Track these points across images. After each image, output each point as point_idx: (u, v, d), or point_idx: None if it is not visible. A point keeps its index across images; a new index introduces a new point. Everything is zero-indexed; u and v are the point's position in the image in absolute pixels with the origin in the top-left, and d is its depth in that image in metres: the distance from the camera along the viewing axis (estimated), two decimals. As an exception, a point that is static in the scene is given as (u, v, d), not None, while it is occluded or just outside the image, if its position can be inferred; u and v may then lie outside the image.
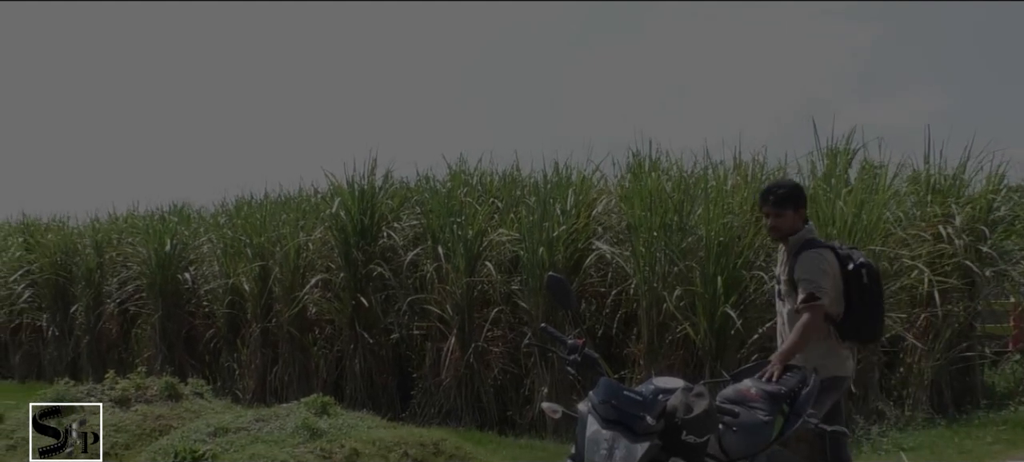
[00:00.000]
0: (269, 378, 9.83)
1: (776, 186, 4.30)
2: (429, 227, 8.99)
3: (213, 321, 11.03)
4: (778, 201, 4.17)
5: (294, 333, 9.60)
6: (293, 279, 9.65)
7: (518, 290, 8.27)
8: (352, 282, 9.20)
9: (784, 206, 4.16)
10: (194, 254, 11.52)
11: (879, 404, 7.25)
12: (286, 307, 9.62)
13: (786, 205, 4.16)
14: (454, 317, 8.48)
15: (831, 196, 7.16)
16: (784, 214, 4.16)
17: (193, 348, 11.26)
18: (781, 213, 4.17)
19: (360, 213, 9.28)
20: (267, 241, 10.03)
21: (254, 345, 10.07)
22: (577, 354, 3.30)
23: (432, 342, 8.73)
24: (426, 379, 8.71)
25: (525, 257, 8.02)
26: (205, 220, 12.15)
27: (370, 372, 9.13)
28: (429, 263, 8.80)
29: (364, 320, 9.17)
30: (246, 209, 11.09)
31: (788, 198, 4.17)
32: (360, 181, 9.47)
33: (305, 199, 10.69)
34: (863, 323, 4.10)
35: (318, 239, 9.74)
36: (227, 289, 10.49)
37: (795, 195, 4.20)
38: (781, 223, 4.18)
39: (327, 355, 9.55)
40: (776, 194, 4.19)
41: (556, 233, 7.87)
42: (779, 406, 3.51)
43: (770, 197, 4.20)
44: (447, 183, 9.54)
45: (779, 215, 4.17)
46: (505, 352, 8.44)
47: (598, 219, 8.26)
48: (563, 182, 8.54)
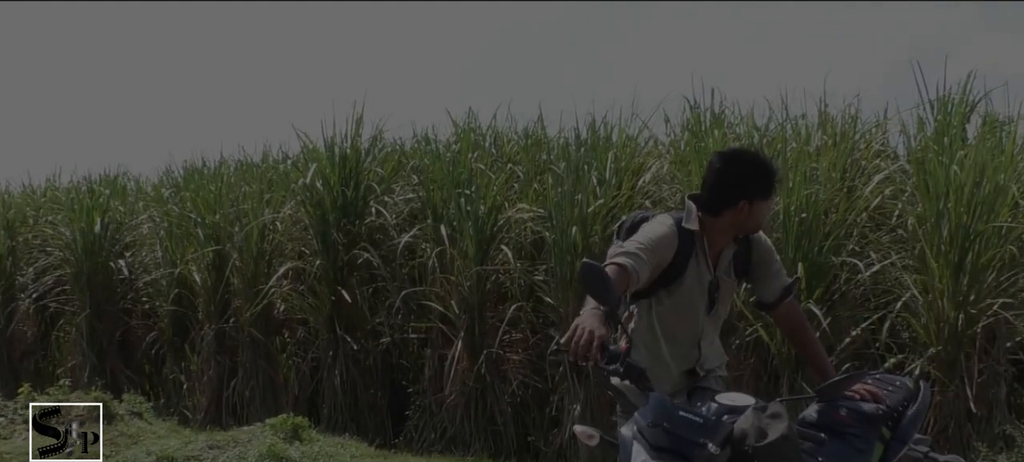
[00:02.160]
0: (226, 394, 9.88)
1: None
2: (429, 201, 8.98)
3: (155, 321, 11.07)
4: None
5: (257, 336, 9.65)
6: (256, 268, 9.69)
7: (543, 281, 8.26)
8: (331, 272, 9.22)
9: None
10: (131, 236, 11.57)
11: (1007, 427, 7.21)
12: (247, 303, 9.67)
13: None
14: (461, 316, 8.50)
15: (945, 160, 7.11)
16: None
17: (130, 355, 11.33)
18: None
19: (341, 184, 9.29)
20: (223, 220, 10.06)
21: (207, 352, 10.12)
22: (619, 364, 3.29)
23: (433, 348, 8.75)
24: (425, 395, 8.74)
25: (552, 239, 8.01)
26: (145, 193, 12.17)
27: (354, 386, 9.17)
28: (429, 247, 8.81)
29: (346, 320, 9.21)
30: (197, 179, 11.08)
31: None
32: (341, 143, 9.47)
33: (272, 166, 10.69)
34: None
35: (288, 217, 9.76)
36: (173, 281, 10.54)
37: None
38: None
39: (299, 364, 9.60)
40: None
41: (591, 208, 7.85)
42: (878, 430, 3.50)
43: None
44: (453, 145, 9.52)
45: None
46: (526, 361, 8.44)
47: (645, 190, 8.21)
48: (601, 143, 8.47)
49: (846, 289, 7.05)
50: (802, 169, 7.17)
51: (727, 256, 4.05)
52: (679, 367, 4.06)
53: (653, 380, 3.74)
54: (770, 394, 6.86)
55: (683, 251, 3.94)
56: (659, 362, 4.00)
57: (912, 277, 6.71)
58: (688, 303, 4.01)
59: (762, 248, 4.14)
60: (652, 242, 3.82)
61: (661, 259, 3.87)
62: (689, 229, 3.94)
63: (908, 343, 6.87)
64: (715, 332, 4.21)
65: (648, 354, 4.02)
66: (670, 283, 3.98)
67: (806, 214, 6.99)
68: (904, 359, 6.72)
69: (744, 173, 3.92)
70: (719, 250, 4.03)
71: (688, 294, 4.00)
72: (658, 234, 3.88)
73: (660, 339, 4.04)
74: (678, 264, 3.95)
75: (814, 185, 7.14)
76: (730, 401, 3.21)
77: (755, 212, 3.93)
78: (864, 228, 7.15)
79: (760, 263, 4.12)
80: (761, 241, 4.14)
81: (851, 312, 7.00)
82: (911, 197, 7.06)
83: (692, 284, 3.98)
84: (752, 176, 3.92)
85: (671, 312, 4.03)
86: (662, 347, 4.03)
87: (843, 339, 6.91)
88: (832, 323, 6.87)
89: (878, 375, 3.94)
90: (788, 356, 6.94)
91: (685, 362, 4.06)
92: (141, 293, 11.30)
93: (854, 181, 7.35)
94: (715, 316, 4.14)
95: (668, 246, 3.89)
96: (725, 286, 4.10)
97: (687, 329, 4.05)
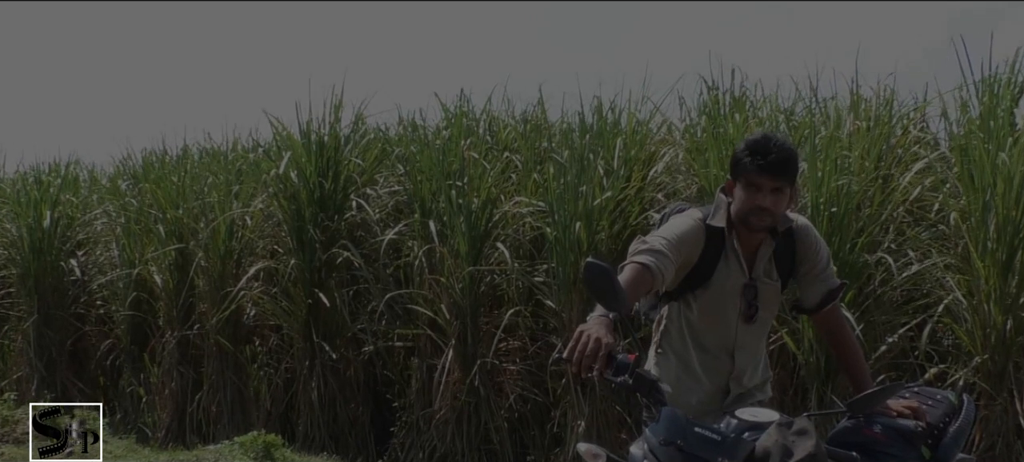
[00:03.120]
0: (190, 408, 9.89)
1: (780, 142, 3.88)
2: (417, 194, 8.99)
3: (111, 328, 11.08)
4: (782, 167, 3.81)
5: (225, 345, 9.66)
6: (224, 268, 9.70)
7: (543, 283, 8.27)
8: (307, 272, 9.23)
9: (787, 175, 3.84)
10: (84, 233, 11.57)
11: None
12: (213, 308, 9.68)
13: (790, 174, 3.84)
14: (452, 322, 8.50)
15: (991, 147, 7.10)
16: (783, 191, 3.86)
17: (83, 366, 11.34)
18: (780, 188, 3.85)
19: (319, 174, 9.30)
20: (187, 214, 10.07)
21: (168, 362, 10.13)
22: (628, 375, 3.28)
23: (420, 358, 8.75)
24: (412, 410, 8.75)
25: (553, 236, 8.01)
26: (100, 184, 12.19)
27: (333, 400, 9.17)
28: (417, 245, 8.81)
29: (324, 327, 9.22)
30: (158, 169, 11.09)
31: (792, 165, 3.85)
32: (318, 129, 9.47)
33: (241, 155, 10.71)
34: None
35: (259, 211, 9.77)
36: (131, 282, 10.54)
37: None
38: (777, 204, 3.88)
39: (272, 376, 9.60)
40: (781, 155, 3.82)
41: (598, 201, 7.85)
42: (917, 449, 3.50)
43: (770, 156, 3.80)
44: (442, 132, 9.54)
45: (777, 190, 3.84)
46: (524, 372, 8.45)
47: (657, 181, 8.22)
48: (608, 129, 8.50)
49: (881, 291, 7.04)
50: (832, 157, 7.16)
51: (765, 254, 3.99)
52: (711, 381, 4.02)
53: (681, 394, 3.73)
54: (796, 408, 6.88)
55: (710, 250, 3.92)
56: (689, 373, 4.00)
57: (955, 278, 6.70)
58: (718, 308, 3.98)
59: (807, 243, 4.04)
60: (677, 237, 3.79)
61: (688, 257, 3.84)
62: (716, 226, 3.90)
63: (950, 351, 6.87)
64: (757, 344, 4.13)
65: (678, 364, 4.01)
66: (697, 285, 3.95)
67: (836, 208, 6.99)
68: (946, 369, 6.71)
69: (736, 151, 3.87)
70: (754, 248, 3.98)
71: (717, 298, 3.96)
72: (683, 228, 3.85)
73: (690, 347, 4.02)
74: (705, 264, 3.92)
75: (845, 175, 7.13)
76: (751, 417, 3.21)
77: (737, 195, 3.85)
78: (901, 223, 7.15)
79: (804, 261, 4.04)
80: (806, 235, 4.04)
81: (887, 317, 7.00)
82: (953, 189, 7.05)
83: (721, 286, 3.94)
84: (736, 153, 3.86)
85: (701, 318, 4.00)
86: (692, 356, 4.02)
87: (878, 347, 6.90)
88: (865, 329, 6.86)
89: (917, 388, 3.95)
90: (817, 366, 6.93)
91: (718, 375, 4.03)
92: (95, 296, 11.30)
93: (890, 171, 7.34)
94: (757, 325, 4.06)
95: (694, 243, 3.86)
96: (766, 290, 4.01)
97: (718, 338, 4.01)
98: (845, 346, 4.12)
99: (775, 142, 3.78)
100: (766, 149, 3.76)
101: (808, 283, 4.06)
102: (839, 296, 4.09)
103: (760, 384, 4.11)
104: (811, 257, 4.03)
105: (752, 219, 3.82)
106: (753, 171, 3.76)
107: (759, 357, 4.14)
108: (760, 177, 3.76)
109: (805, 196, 7.12)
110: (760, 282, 3.99)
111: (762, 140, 3.79)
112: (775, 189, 3.78)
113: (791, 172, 3.79)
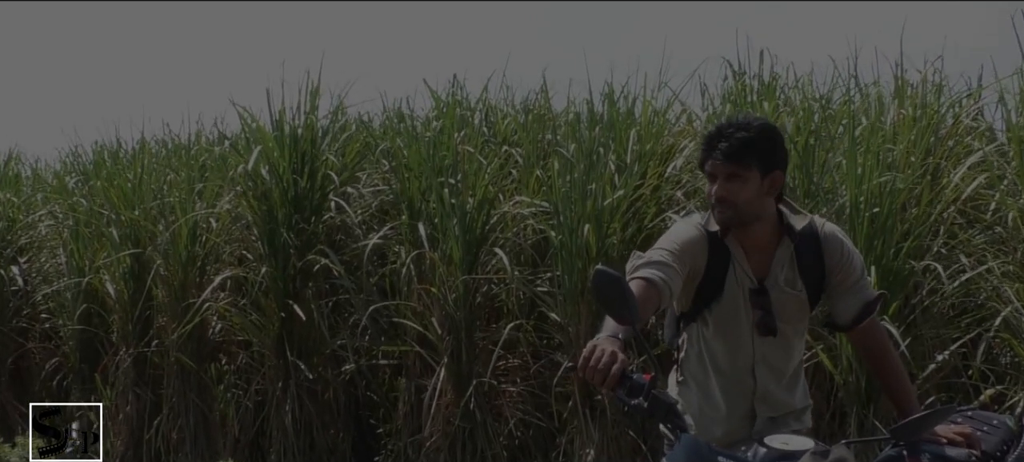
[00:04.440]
0: (148, 435, 9.87)
1: (737, 122, 3.97)
2: (404, 193, 9.01)
3: (57, 344, 11.07)
4: (735, 152, 3.87)
5: (187, 363, 9.65)
6: (186, 277, 9.70)
7: (547, 293, 8.30)
8: (281, 281, 9.24)
9: (745, 160, 3.88)
10: (27, 237, 11.56)
11: None
12: (174, 322, 9.67)
13: (748, 158, 3.88)
14: (444, 338, 8.52)
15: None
16: (741, 176, 3.90)
17: (25, 387, 11.31)
18: (737, 174, 3.90)
19: (293, 171, 9.30)
20: (144, 216, 10.05)
21: (123, 382, 10.12)
22: (643, 397, 3.30)
23: (408, 377, 8.78)
24: (399, 437, 8.77)
25: (558, 240, 8.04)
26: (45, 182, 12.18)
27: (309, 425, 9.17)
28: (404, 251, 8.84)
29: (300, 342, 9.23)
30: (111, 165, 11.09)
31: (751, 148, 3.89)
32: (293, 120, 9.48)
33: (205, 149, 10.71)
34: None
35: (226, 213, 9.78)
36: (80, 293, 10.51)
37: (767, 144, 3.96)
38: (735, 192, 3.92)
39: (241, 398, 9.60)
40: (734, 139, 3.88)
41: (608, 201, 7.87)
42: (970, 481, 3.51)
43: (721, 142, 3.88)
44: (433, 123, 9.55)
45: (733, 177, 3.89)
46: (526, 393, 8.48)
47: (676, 178, 8.24)
48: (620, 119, 8.53)
49: (930, 302, 7.06)
50: (874, 150, 7.17)
51: (781, 259, 3.98)
52: (734, 407, 3.99)
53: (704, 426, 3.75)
54: (834, 435, 6.88)
55: (718, 257, 3.92)
56: (710, 402, 3.99)
57: (1014, 287, 6.70)
58: (731, 322, 3.97)
59: (836, 251, 4.02)
60: (679, 245, 3.80)
61: (694, 267, 3.84)
62: (711, 230, 3.91)
63: (1009, 370, 6.87)
64: (783, 361, 4.08)
65: (699, 392, 4.01)
66: (710, 301, 3.95)
67: (879, 208, 7.00)
68: (1003, 391, 6.70)
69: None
70: (763, 251, 3.98)
71: (729, 310, 3.96)
72: (684, 235, 3.87)
73: (710, 372, 4.01)
74: (715, 274, 3.93)
75: (890, 171, 7.15)
76: (782, 444, 3.21)
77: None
78: (952, 225, 7.16)
79: (835, 271, 4.02)
80: (834, 241, 4.03)
81: (936, 331, 7.02)
82: (1011, 186, 7.05)
83: (732, 297, 3.95)
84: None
85: (715, 335, 4.00)
86: (712, 382, 4.01)
87: (926, 366, 6.90)
88: (912, 345, 6.87)
89: (970, 412, 3.94)
90: (856, 387, 6.95)
91: (740, 399, 4.00)
92: (40, 308, 11.29)
93: (940, 165, 7.35)
94: (779, 340, 4.03)
95: (697, 250, 3.87)
96: (785, 300, 3.99)
97: (734, 355, 4.00)
98: (886, 366, 4.10)
99: (729, 126, 3.87)
100: (718, 135, 3.86)
101: (840, 295, 4.05)
102: (876, 309, 4.08)
103: (797, 411, 4.07)
104: (843, 266, 4.02)
105: (715, 214, 3.88)
106: (706, 161, 3.87)
107: (787, 376, 4.09)
108: (713, 166, 3.84)
109: (843, 195, 7.13)
110: (776, 289, 3.97)
111: (717, 127, 3.90)
112: (730, 175, 3.81)
113: (747, 155, 3.81)
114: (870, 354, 4.17)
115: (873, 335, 4.13)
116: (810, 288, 4.02)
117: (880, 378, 4.23)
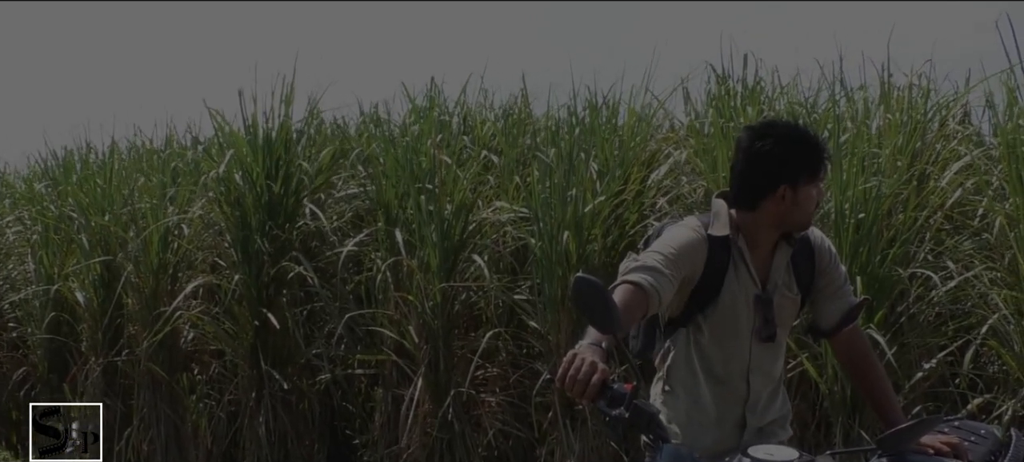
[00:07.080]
0: (118, 446, 9.82)
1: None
2: (380, 199, 9.00)
3: (25, 353, 11.03)
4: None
5: (158, 373, 9.61)
6: (157, 285, 9.65)
7: (527, 302, 8.28)
8: (254, 289, 9.22)
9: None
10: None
11: None
12: (145, 330, 9.63)
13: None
14: (422, 347, 8.49)
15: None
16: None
17: (-7, 399, 11.29)
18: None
19: (267, 176, 9.28)
20: (114, 222, 10.01)
21: (93, 393, 10.05)
22: (624, 407, 3.26)
23: (385, 387, 8.76)
24: (376, 448, 8.74)
25: (538, 247, 8.02)
26: (12, 187, 12.19)
27: (283, 437, 9.14)
28: (380, 258, 8.81)
29: (274, 352, 9.20)
30: (81, 170, 11.08)
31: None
32: (266, 123, 9.45)
33: (177, 153, 10.69)
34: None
35: (198, 219, 9.73)
36: (49, 301, 10.49)
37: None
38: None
39: (213, 409, 9.57)
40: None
41: (589, 208, 7.86)
42: (958, 494, 3.49)
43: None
44: (410, 127, 9.52)
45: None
46: (505, 403, 8.45)
47: (659, 184, 8.23)
48: (602, 125, 8.54)
49: (916, 310, 7.06)
50: (859, 155, 7.18)
51: (781, 263, 3.99)
52: (725, 414, 3.99)
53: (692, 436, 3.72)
54: (818, 446, 6.87)
55: (716, 262, 3.90)
56: (700, 410, 3.97)
57: (1001, 294, 6.70)
58: (730, 328, 3.96)
59: (825, 254, 4.08)
60: (675, 251, 3.77)
61: (690, 272, 3.82)
62: (718, 235, 3.90)
63: (997, 379, 6.87)
64: (773, 367, 4.11)
65: (688, 399, 3.98)
66: (706, 305, 3.93)
67: (864, 214, 7.00)
68: (991, 400, 6.70)
69: (782, 148, 3.84)
70: (766, 256, 3.99)
71: (728, 315, 3.94)
72: (682, 240, 3.84)
73: (701, 379, 3.99)
74: (711, 279, 3.91)
75: (875, 176, 7.15)
76: (766, 455, 3.19)
77: (801, 200, 3.85)
78: (939, 231, 7.16)
79: (823, 274, 4.06)
80: (823, 244, 4.08)
81: (923, 339, 7.00)
82: (999, 191, 7.06)
83: (732, 302, 3.93)
84: (793, 151, 3.85)
85: (711, 340, 3.98)
86: (702, 388, 3.98)
87: (912, 374, 6.91)
88: (898, 354, 6.86)
89: (957, 421, 3.94)
90: (842, 397, 6.94)
91: (732, 406, 3.99)
92: (7, 317, 11.27)
93: (926, 170, 7.36)
94: (774, 345, 4.05)
95: (695, 256, 3.84)
96: (784, 304, 4.02)
97: (731, 361, 3.99)
98: (870, 374, 4.13)
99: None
100: (824, 144, 3.98)
101: (825, 300, 4.08)
102: (859, 315, 4.11)
103: (779, 419, 4.08)
104: (831, 270, 4.06)
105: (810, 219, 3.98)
106: (821, 169, 3.91)
107: (775, 384, 4.11)
108: (823, 172, 3.95)
109: (829, 201, 7.13)
110: (778, 294, 3.99)
111: (816, 135, 3.98)
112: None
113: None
114: (853, 363, 4.18)
115: (855, 343, 4.15)
116: (802, 291, 4.06)
117: (863, 388, 4.23)
